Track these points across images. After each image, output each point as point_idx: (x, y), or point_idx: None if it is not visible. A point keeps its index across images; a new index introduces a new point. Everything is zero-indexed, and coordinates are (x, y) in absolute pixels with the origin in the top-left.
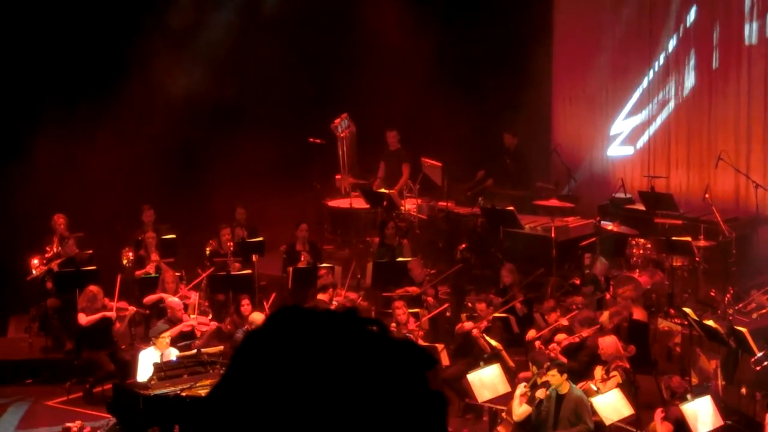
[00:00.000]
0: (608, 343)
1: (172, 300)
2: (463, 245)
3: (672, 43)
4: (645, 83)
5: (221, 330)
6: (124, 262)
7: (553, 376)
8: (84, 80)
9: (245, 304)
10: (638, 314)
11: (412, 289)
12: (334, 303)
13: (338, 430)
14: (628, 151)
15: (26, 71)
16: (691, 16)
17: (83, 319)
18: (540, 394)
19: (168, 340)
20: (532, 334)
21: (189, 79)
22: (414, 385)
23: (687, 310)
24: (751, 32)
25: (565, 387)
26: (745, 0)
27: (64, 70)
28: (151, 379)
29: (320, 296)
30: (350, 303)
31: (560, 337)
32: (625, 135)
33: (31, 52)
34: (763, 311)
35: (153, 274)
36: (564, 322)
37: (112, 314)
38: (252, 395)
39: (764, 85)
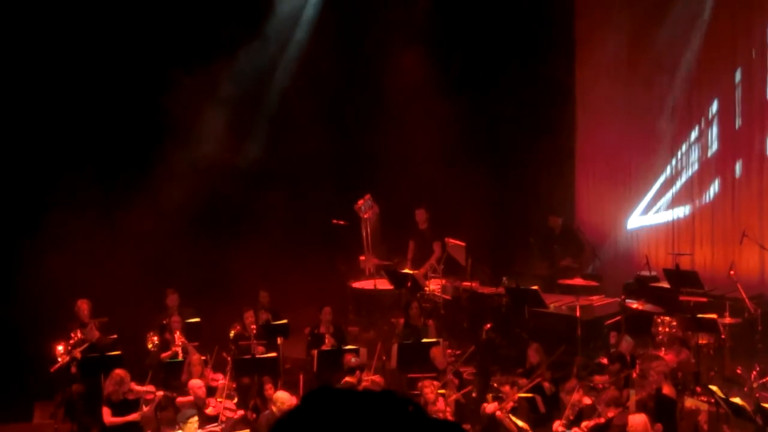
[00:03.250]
0: (638, 421)
1: (194, 381)
2: (489, 325)
3: (694, 134)
4: (671, 159)
5: (246, 417)
6: (150, 346)
7: None
8: (105, 163)
9: (269, 388)
10: (667, 390)
11: (437, 384)
12: (362, 385)
13: None
14: (653, 228)
15: (46, 151)
16: (714, 107)
17: (108, 417)
18: None
19: (196, 425)
20: (557, 424)
21: (210, 163)
22: None
23: (713, 387)
24: None
25: None
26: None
27: (84, 150)
28: None
29: (348, 379)
30: (376, 386)
31: (586, 423)
32: (649, 212)
33: (50, 134)
34: None
35: (179, 358)
36: (587, 401)
37: (137, 417)
38: None
39: None
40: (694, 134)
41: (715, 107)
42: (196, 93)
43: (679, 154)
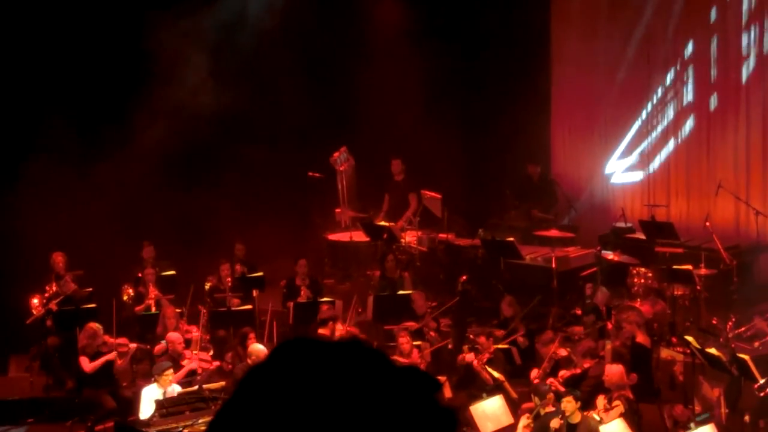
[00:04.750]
0: (614, 371)
1: (172, 334)
2: (464, 277)
3: (670, 77)
4: (644, 115)
5: (222, 368)
6: (125, 298)
7: (569, 402)
8: (81, 113)
9: (252, 338)
10: (641, 339)
11: (413, 324)
12: (336, 336)
13: None
14: (628, 180)
15: (22, 100)
16: (689, 49)
17: (87, 365)
18: (555, 424)
19: (171, 377)
20: (534, 373)
21: (185, 113)
22: (424, 406)
23: (689, 338)
24: (748, 68)
25: (578, 416)
26: (741, 34)
27: (62, 100)
28: (153, 416)
29: (321, 330)
30: (350, 337)
31: (562, 372)
32: (624, 164)
33: (28, 83)
34: (765, 338)
35: (153, 311)
36: (562, 352)
37: (113, 356)
38: (261, 425)
39: (762, 120)
40: (669, 77)
41: (690, 49)
42: (174, 40)
43: (654, 99)
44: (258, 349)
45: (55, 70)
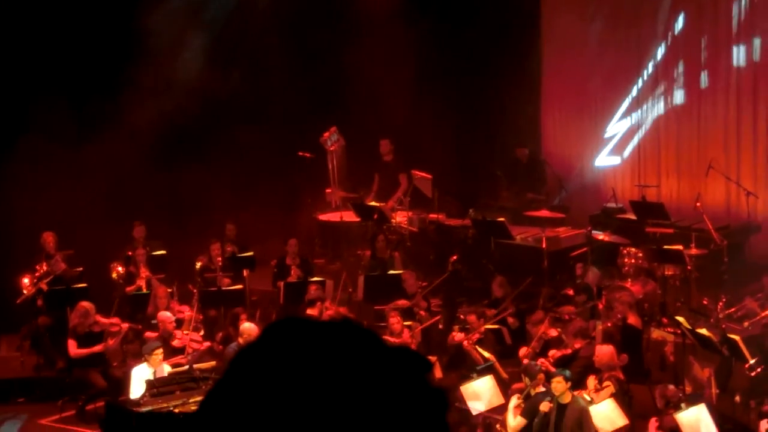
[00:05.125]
0: (605, 351)
1: (163, 314)
2: (455, 257)
3: (660, 51)
4: (634, 92)
5: (213, 348)
6: (114, 276)
7: (558, 383)
8: (71, 95)
9: (243, 319)
10: (632, 320)
11: (403, 303)
12: (325, 317)
13: None
14: (618, 160)
15: (13, 80)
16: (679, 23)
17: (73, 349)
18: (544, 407)
19: (161, 356)
20: (523, 351)
21: (176, 93)
22: (415, 385)
23: (680, 318)
24: (738, 52)
25: (568, 396)
26: (732, 13)
27: (52, 77)
28: (143, 396)
29: (309, 311)
30: (341, 317)
31: (553, 352)
32: (615, 144)
33: (18, 62)
34: (756, 319)
35: (144, 290)
36: (553, 332)
37: (101, 348)
38: (252, 405)
39: (752, 101)
40: (659, 55)
41: (680, 25)
42: (164, 20)
43: (645, 75)
44: (249, 327)
45: (45, 50)
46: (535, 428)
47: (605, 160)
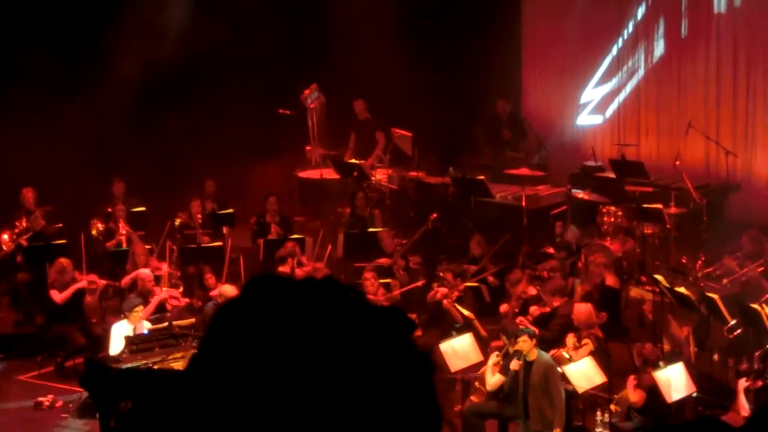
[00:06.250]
0: (583, 310)
1: (143, 271)
2: (434, 215)
3: (641, 11)
4: (614, 51)
5: (192, 305)
6: (93, 232)
7: (524, 342)
8: (52, 47)
9: (208, 278)
10: (610, 280)
11: (383, 261)
12: (299, 274)
13: (327, 397)
14: (599, 119)
15: None
16: None
17: (57, 296)
18: (514, 365)
19: (141, 313)
20: (504, 307)
21: (157, 49)
22: (400, 346)
23: (658, 277)
24: (719, 1)
25: (534, 353)
26: None
27: (33, 34)
28: (122, 352)
29: (281, 268)
30: (317, 274)
31: (533, 309)
32: (595, 103)
33: None
34: (734, 277)
35: (124, 247)
36: (532, 291)
37: (85, 284)
38: (233, 367)
39: (732, 52)
40: (641, 12)
41: None
42: None
43: (626, 34)
44: (228, 290)
45: (24, 3)
46: (506, 386)
47: (586, 119)
